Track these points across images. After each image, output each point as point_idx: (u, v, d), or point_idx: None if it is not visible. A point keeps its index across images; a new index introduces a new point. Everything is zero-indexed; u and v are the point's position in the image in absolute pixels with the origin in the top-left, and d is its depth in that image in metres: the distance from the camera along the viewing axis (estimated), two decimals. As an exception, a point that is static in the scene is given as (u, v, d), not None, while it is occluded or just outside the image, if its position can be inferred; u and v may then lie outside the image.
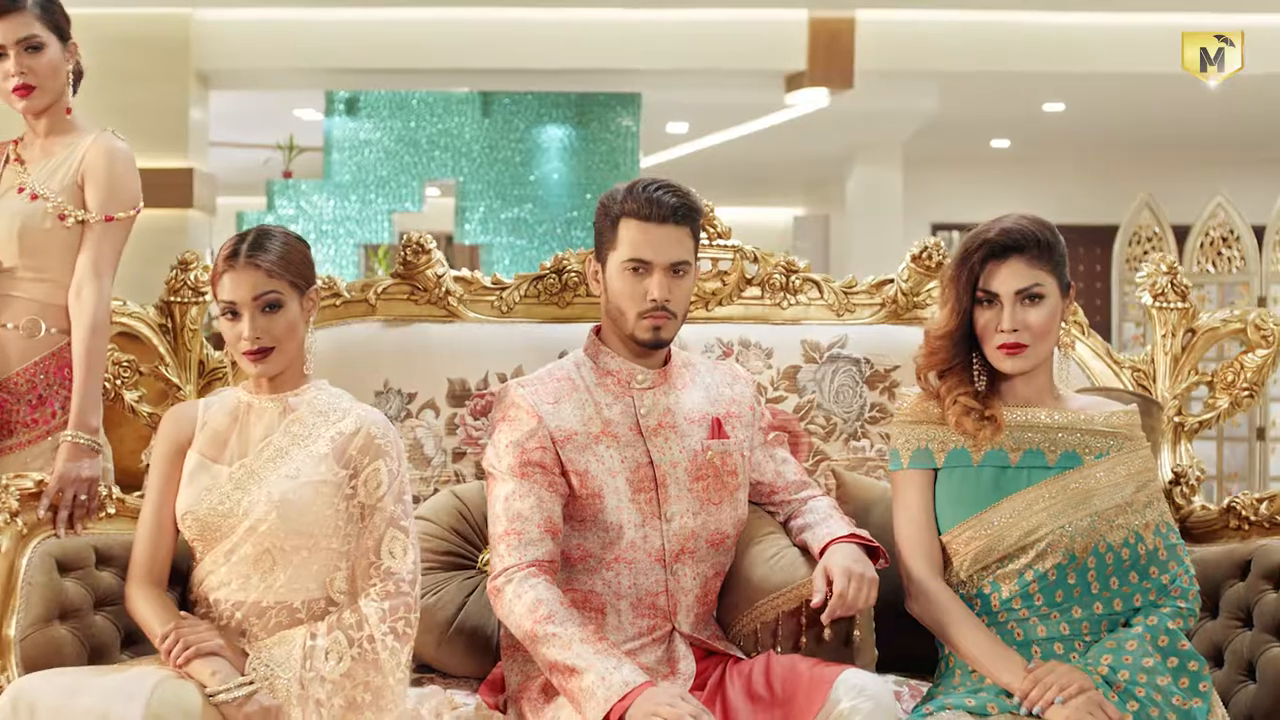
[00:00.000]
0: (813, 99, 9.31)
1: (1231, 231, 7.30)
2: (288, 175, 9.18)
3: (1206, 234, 7.38)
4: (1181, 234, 7.47)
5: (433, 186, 9.95)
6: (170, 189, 8.23)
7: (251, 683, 2.24)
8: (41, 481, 2.50)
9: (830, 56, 8.86)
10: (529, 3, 8.66)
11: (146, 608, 2.39)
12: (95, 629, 2.49)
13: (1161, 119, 10.30)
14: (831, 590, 2.35)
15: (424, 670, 2.58)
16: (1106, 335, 8.49)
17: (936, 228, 12.94)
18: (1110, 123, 10.68)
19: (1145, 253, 7.61)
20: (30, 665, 2.34)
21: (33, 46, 2.75)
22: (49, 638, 2.39)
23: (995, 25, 8.85)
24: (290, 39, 8.88)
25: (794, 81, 9.04)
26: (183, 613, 2.39)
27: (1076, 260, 12.54)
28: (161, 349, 2.94)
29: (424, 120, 9.68)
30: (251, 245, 2.40)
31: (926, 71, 9.23)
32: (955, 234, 13.24)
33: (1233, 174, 10.53)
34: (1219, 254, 7.38)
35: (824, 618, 2.37)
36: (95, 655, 2.46)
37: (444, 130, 9.68)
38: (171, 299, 2.96)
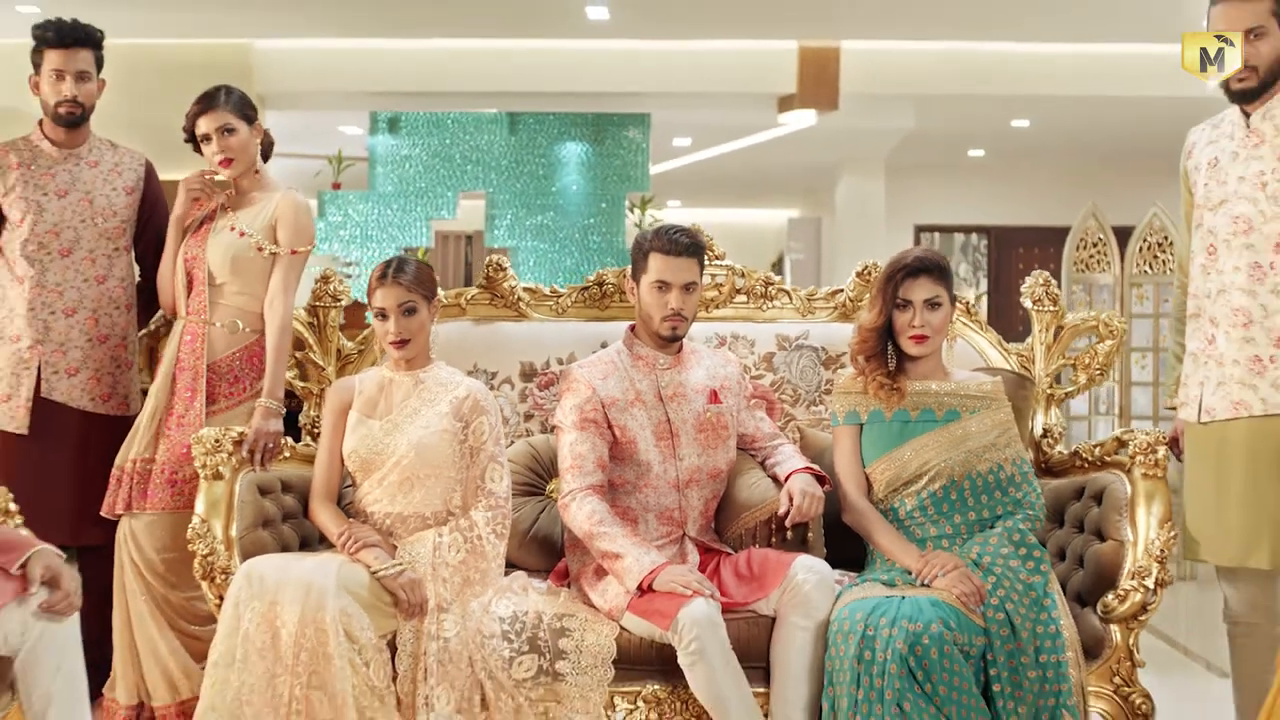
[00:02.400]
0: (802, 118, 9.90)
1: (1166, 237, 8.04)
2: (336, 187, 9.65)
3: (1145, 239, 8.13)
4: (1128, 235, 8.18)
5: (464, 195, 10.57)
6: (233, 197, 9.11)
7: (401, 564, 3.29)
8: (243, 434, 3.51)
9: (818, 81, 9.44)
10: (551, 34, 9.23)
11: (326, 516, 3.44)
12: (283, 534, 3.51)
13: (1112, 134, 10.89)
14: (792, 504, 3.40)
15: (509, 566, 3.56)
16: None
17: (920, 229, 13.47)
18: (1069, 137, 11.25)
19: (1091, 256, 8.34)
20: (245, 556, 3.31)
21: (228, 130, 3.76)
22: (257, 537, 3.40)
23: (965, 53, 9.46)
24: (339, 66, 9.57)
25: (785, 103, 9.67)
26: (350, 519, 3.44)
27: (1047, 259, 13.27)
28: (310, 340, 3.97)
29: (457, 137, 10.04)
30: (396, 269, 3.44)
31: (904, 94, 9.84)
32: (937, 235, 13.96)
33: (1171, 183, 11.29)
34: (1155, 257, 8.13)
35: (787, 523, 3.42)
36: (283, 551, 3.48)
37: (475, 146, 10.03)
38: (316, 304, 3.98)
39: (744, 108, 10.15)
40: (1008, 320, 12.32)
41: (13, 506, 3.13)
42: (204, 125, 3.74)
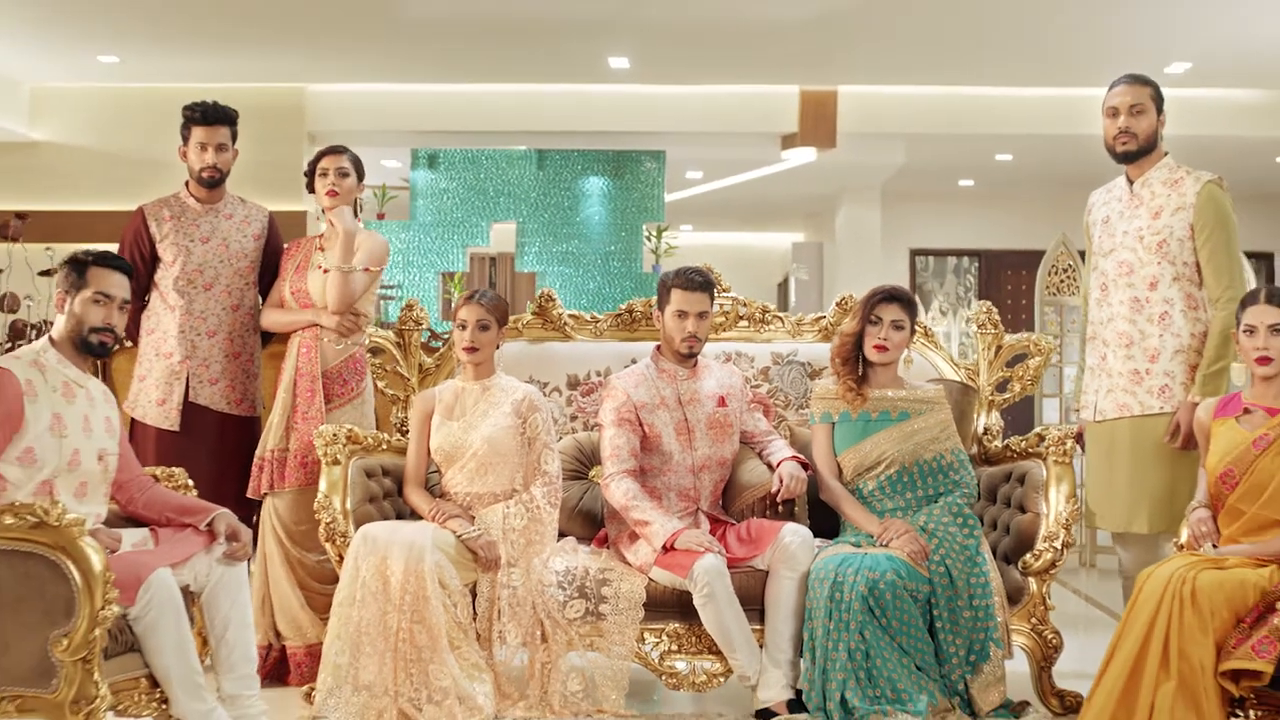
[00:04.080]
0: (803, 155, 10.49)
1: (1128, 263, 8.85)
2: (381, 217, 10.21)
3: (1109, 264, 8.91)
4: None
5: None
6: (288, 227, 9.61)
7: (480, 530, 4.23)
8: (351, 430, 4.43)
9: (817, 122, 10.04)
10: (576, 80, 9.83)
11: (419, 497, 4.39)
12: (383, 507, 4.44)
13: (1083, 167, 11.12)
14: (782, 484, 4.34)
15: (561, 534, 4.47)
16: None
17: (915, 252, 14.13)
18: (1047, 170, 11.85)
19: (1061, 280, 9.07)
20: (357, 523, 4.22)
21: (343, 173, 4.73)
22: (365, 510, 4.34)
23: (951, 96, 10.11)
24: (383, 107, 10.16)
25: (788, 141, 10.26)
26: (437, 498, 4.38)
27: (1033, 280, 13.94)
28: (398, 356, 4.93)
29: (490, 172, 10.59)
30: (480, 295, 4.39)
31: (896, 133, 10.45)
32: (931, 258, 14.66)
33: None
34: (1119, 281, 8.92)
35: (778, 499, 4.36)
36: (384, 520, 4.40)
37: (507, 180, 10.59)
38: (403, 327, 4.95)
39: (750, 145, 10.70)
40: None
41: (189, 482, 4.09)
42: (326, 164, 4.73)
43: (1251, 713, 3.43)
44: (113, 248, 5.70)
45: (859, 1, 7.96)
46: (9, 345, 5.98)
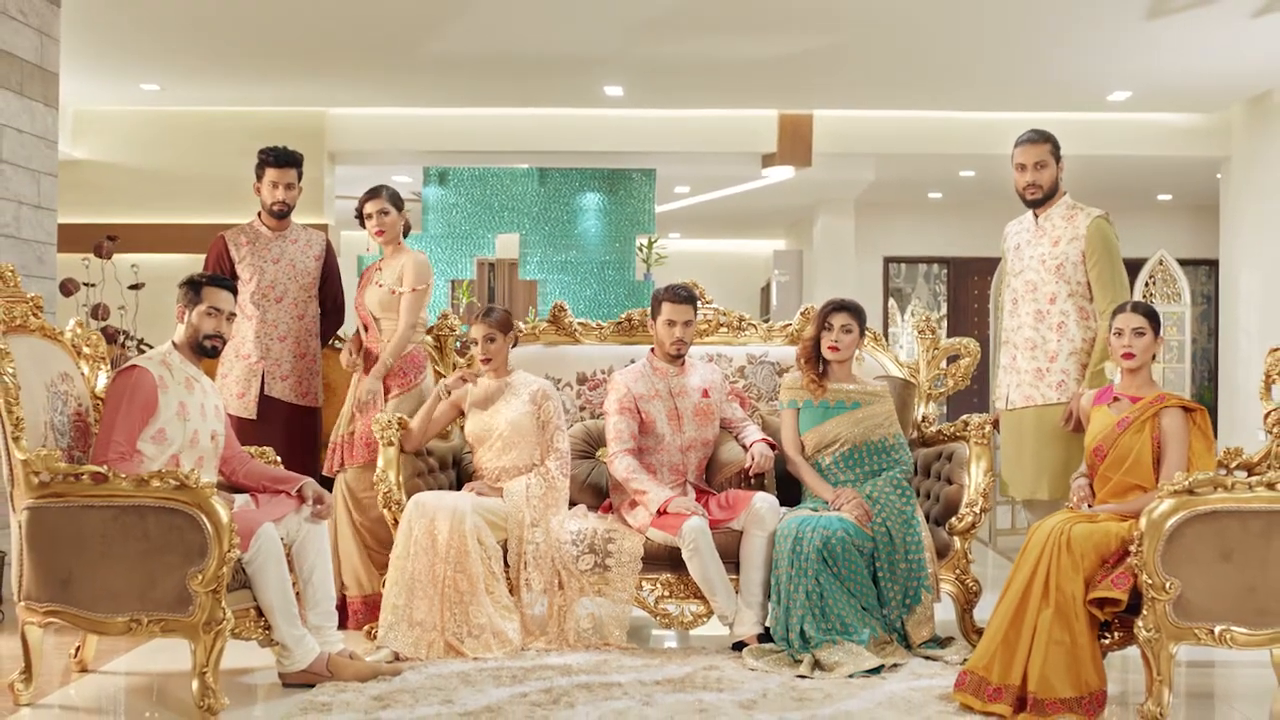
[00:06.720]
0: (781, 173, 11.21)
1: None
2: None
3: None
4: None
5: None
6: (310, 239, 10.43)
7: (459, 380, 5.19)
8: (402, 419, 5.35)
9: (794, 143, 10.74)
10: (575, 105, 10.46)
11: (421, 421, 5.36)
12: (429, 481, 5.38)
13: None
14: (754, 461, 5.29)
15: (573, 503, 5.41)
16: (985, 348, 9.74)
17: (888, 260, 14.99)
18: (1007, 185, 12.52)
19: None
20: (409, 493, 5.12)
21: (384, 213, 5.66)
22: (414, 482, 5.27)
23: (917, 119, 10.84)
24: (398, 129, 10.78)
25: (768, 160, 10.95)
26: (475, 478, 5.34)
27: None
28: (436, 357, 5.88)
29: (495, 189, 11.22)
30: (485, 313, 5.33)
31: (867, 153, 11.16)
32: (903, 265, 15.56)
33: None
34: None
35: (750, 473, 5.32)
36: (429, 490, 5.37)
37: (511, 196, 11.22)
38: (439, 333, 5.91)
39: (733, 164, 11.40)
40: (964, 335, 13.80)
41: (278, 459, 5.04)
42: (369, 208, 5.62)
43: (1115, 634, 4.40)
44: (145, 256, 6.69)
45: (832, 40, 8.68)
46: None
